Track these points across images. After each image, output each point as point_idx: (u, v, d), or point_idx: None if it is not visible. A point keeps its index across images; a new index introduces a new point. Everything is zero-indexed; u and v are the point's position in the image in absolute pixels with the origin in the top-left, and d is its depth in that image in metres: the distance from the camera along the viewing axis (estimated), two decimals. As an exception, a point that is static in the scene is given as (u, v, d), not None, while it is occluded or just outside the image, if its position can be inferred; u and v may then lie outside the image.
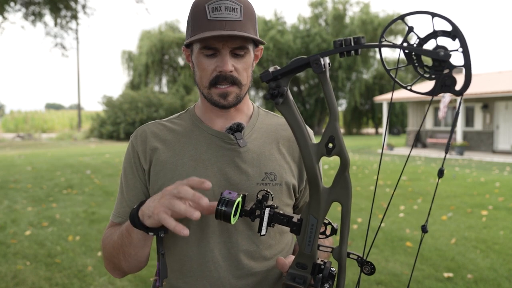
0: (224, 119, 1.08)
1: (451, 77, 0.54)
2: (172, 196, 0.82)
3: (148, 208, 0.86)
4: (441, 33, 0.54)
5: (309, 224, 0.76)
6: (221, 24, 0.95)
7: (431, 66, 0.56)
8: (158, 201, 0.84)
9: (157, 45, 29.53)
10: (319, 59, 0.63)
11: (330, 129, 0.67)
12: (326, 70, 0.66)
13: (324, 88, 0.66)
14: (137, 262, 1.00)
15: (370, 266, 0.78)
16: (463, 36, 0.52)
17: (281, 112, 0.70)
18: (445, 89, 0.54)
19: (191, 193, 0.82)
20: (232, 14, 0.96)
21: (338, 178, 0.71)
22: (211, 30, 0.95)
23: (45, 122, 35.99)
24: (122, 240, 0.95)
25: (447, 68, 0.54)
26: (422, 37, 0.56)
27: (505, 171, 10.69)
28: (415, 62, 0.57)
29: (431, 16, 0.53)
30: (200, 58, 1.01)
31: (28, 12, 9.42)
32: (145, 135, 1.09)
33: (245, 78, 1.02)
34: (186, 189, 0.82)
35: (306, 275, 0.79)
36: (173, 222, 0.80)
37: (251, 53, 1.03)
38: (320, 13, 32.69)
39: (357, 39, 0.58)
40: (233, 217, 0.81)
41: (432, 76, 0.56)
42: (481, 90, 15.64)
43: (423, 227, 0.66)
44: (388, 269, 3.86)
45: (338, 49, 0.60)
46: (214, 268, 1.01)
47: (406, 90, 0.58)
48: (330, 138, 0.67)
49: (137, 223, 0.88)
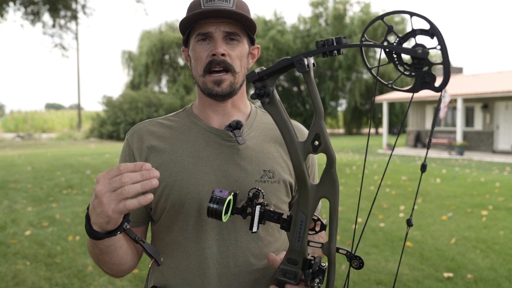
0: (222, 115, 1.09)
1: (431, 74, 0.55)
2: (113, 188, 0.77)
3: (99, 216, 0.79)
4: (419, 31, 0.55)
5: (299, 220, 0.77)
6: (214, 12, 0.99)
7: (411, 64, 0.57)
8: (104, 201, 0.77)
9: (157, 45, 29.57)
10: (303, 59, 0.64)
11: (316, 127, 0.69)
12: (310, 69, 0.67)
13: (309, 88, 0.68)
14: (118, 266, 0.98)
15: (359, 260, 0.79)
16: (440, 34, 0.53)
17: (268, 111, 0.72)
18: (425, 86, 0.55)
19: (131, 166, 0.78)
20: (225, 3, 1.00)
21: (325, 175, 0.73)
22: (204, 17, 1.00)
23: (45, 122, 36.03)
24: (94, 251, 0.93)
25: (426, 66, 0.56)
26: (402, 36, 0.57)
27: (505, 171, 10.69)
28: (395, 60, 0.58)
29: (410, 15, 0.54)
30: (195, 47, 1.04)
31: (27, 11, 9.44)
32: (141, 133, 1.09)
33: (238, 66, 1.04)
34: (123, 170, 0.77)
35: (297, 270, 0.80)
36: (135, 200, 0.77)
37: (245, 44, 1.06)
38: (321, 13, 32.72)
39: (339, 39, 0.60)
40: (224, 215, 0.83)
41: (412, 74, 0.57)
42: (481, 90, 15.64)
43: (408, 220, 0.68)
44: (388, 269, 3.87)
45: (321, 49, 0.61)
46: (213, 265, 1.01)
47: (388, 87, 0.59)
48: (316, 136, 0.69)
49: (100, 235, 0.83)
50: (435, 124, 0.56)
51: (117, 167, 0.78)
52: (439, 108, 0.57)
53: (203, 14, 0.99)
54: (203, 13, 0.98)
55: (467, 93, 15.63)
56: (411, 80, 0.66)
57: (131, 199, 0.77)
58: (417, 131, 19.01)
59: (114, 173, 0.78)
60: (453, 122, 17.84)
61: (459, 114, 15.97)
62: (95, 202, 0.79)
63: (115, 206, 0.77)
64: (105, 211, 0.77)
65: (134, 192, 0.77)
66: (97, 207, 0.78)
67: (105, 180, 0.78)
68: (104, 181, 0.78)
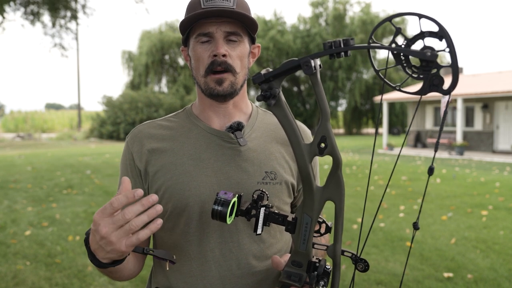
0: (222, 116, 1.08)
1: (439, 76, 0.55)
2: (118, 227, 0.77)
3: (110, 253, 0.80)
4: (428, 33, 0.55)
5: (304, 222, 0.77)
6: (215, 12, 0.98)
7: (419, 66, 0.57)
8: (114, 240, 0.77)
9: (157, 45, 29.56)
10: (309, 61, 0.64)
11: (322, 129, 0.68)
12: (317, 71, 0.67)
13: (315, 89, 0.67)
14: (127, 276, 1.00)
15: (364, 263, 0.79)
16: (449, 36, 0.52)
17: (274, 113, 0.71)
18: (433, 89, 0.55)
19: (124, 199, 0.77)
20: (225, 2, 0.99)
21: (331, 177, 0.72)
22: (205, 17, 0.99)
23: (45, 122, 36.01)
24: (103, 272, 0.93)
25: (435, 68, 0.55)
26: (410, 38, 0.57)
27: (505, 171, 10.70)
28: (403, 62, 0.58)
29: (418, 17, 0.54)
30: (195, 48, 1.03)
31: (27, 11, 9.43)
32: (141, 135, 1.08)
33: (239, 66, 1.03)
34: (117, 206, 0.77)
35: (302, 273, 0.80)
36: (146, 230, 0.78)
37: (246, 44, 1.05)
38: (321, 13, 32.69)
39: (346, 40, 0.59)
40: (229, 217, 0.82)
41: (420, 76, 0.57)
42: (481, 90, 15.64)
43: (415, 224, 0.67)
44: (388, 269, 3.86)
45: (328, 51, 0.61)
46: (215, 268, 1.00)
47: (396, 90, 0.59)
48: (322, 138, 0.69)
49: (110, 265, 0.84)
50: (443, 127, 0.55)
51: (109, 204, 0.77)
52: (447, 111, 0.56)
53: (203, 14, 0.97)
54: (203, 13, 0.97)
55: (467, 93, 15.63)
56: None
57: (142, 230, 0.78)
58: (417, 131, 19.02)
59: (110, 210, 0.77)
60: (453, 122, 17.84)
61: (459, 114, 15.98)
62: (101, 242, 0.78)
63: (127, 241, 0.78)
64: (117, 248, 0.78)
65: (141, 224, 0.77)
66: (105, 246, 0.79)
67: (106, 221, 0.77)
68: (105, 222, 0.77)
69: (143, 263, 1.06)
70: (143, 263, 1.06)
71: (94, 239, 0.80)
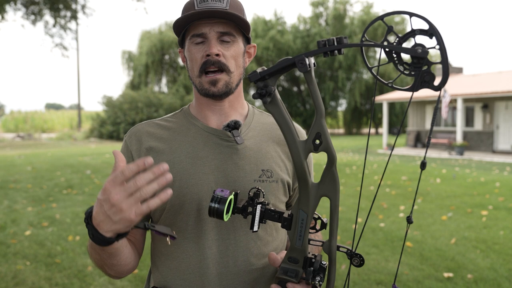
0: (219, 115, 1.09)
1: (430, 73, 0.56)
2: (129, 194, 0.76)
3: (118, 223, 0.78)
4: (418, 31, 0.56)
5: (299, 218, 0.78)
6: (207, 13, 1.00)
7: (411, 63, 0.58)
8: (124, 208, 0.76)
9: (157, 45, 29.58)
10: (304, 59, 0.65)
11: (317, 126, 0.70)
12: (311, 69, 0.68)
13: (310, 87, 0.68)
14: (124, 266, 0.99)
15: (359, 258, 0.80)
16: (439, 34, 0.53)
17: (269, 110, 0.73)
18: (424, 85, 0.56)
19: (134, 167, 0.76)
20: (218, 3, 1.00)
21: (326, 174, 0.73)
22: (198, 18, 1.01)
23: (45, 122, 36.03)
24: (101, 257, 0.92)
25: (426, 65, 0.56)
26: (401, 36, 0.58)
27: (505, 171, 10.70)
28: (395, 60, 0.59)
29: (409, 16, 0.55)
30: (190, 48, 1.05)
31: (28, 11, 9.45)
32: (139, 134, 1.10)
33: (233, 65, 1.04)
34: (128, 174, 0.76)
35: (298, 269, 0.81)
36: (156, 199, 0.77)
37: (240, 44, 1.06)
38: (321, 13, 32.72)
39: (340, 39, 0.61)
40: (225, 214, 0.83)
41: (412, 73, 0.58)
42: (481, 90, 15.64)
43: (408, 218, 0.68)
44: (388, 269, 3.87)
45: (322, 49, 0.61)
46: (213, 265, 1.01)
47: (388, 87, 0.60)
48: (317, 134, 0.70)
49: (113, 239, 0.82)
50: (434, 122, 0.56)
51: (120, 172, 0.76)
52: (439, 106, 0.57)
53: (196, 15, 0.99)
54: (196, 14, 0.99)
55: (467, 93, 15.64)
56: (411, 80, 0.66)
57: (152, 199, 0.77)
58: (417, 131, 19.02)
59: (121, 179, 0.76)
60: (453, 122, 17.85)
61: (459, 114, 15.98)
62: (111, 211, 0.77)
63: (137, 209, 0.76)
64: (127, 216, 0.76)
65: (152, 192, 0.77)
66: (114, 215, 0.77)
67: (117, 188, 0.76)
68: (117, 189, 0.76)
69: (139, 257, 1.07)
70: (139, 257, 1.07)
71: (100, 210, 0.78)
